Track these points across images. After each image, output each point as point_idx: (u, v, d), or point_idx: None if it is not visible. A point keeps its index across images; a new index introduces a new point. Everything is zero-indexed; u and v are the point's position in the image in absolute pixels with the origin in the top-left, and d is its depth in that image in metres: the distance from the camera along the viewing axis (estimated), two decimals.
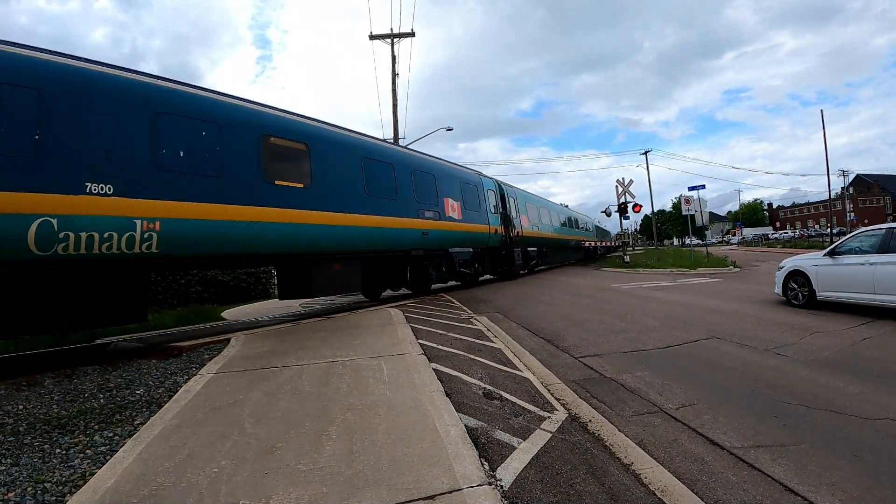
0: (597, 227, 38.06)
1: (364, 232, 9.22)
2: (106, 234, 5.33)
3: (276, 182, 7.41)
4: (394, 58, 19.86)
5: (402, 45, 28.66)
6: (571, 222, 28.62)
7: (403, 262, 11.27)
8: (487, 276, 16.86)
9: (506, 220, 16.41)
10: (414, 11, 30.95)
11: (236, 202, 6.72)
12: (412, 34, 20.21)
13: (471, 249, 13.83)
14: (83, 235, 5.16)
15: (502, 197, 16.69)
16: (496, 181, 16.79)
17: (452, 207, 12.68)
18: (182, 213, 6.07)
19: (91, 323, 6.06)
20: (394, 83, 19.87)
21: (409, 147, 14.87)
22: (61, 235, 5.00)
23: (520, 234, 17.64)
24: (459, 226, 12.94)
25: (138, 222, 5.60)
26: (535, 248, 20.05)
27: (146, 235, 5.67)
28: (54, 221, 4.96)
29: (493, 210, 15.33)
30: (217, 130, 6.68)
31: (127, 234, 5.51)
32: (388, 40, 20.01)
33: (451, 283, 14.04)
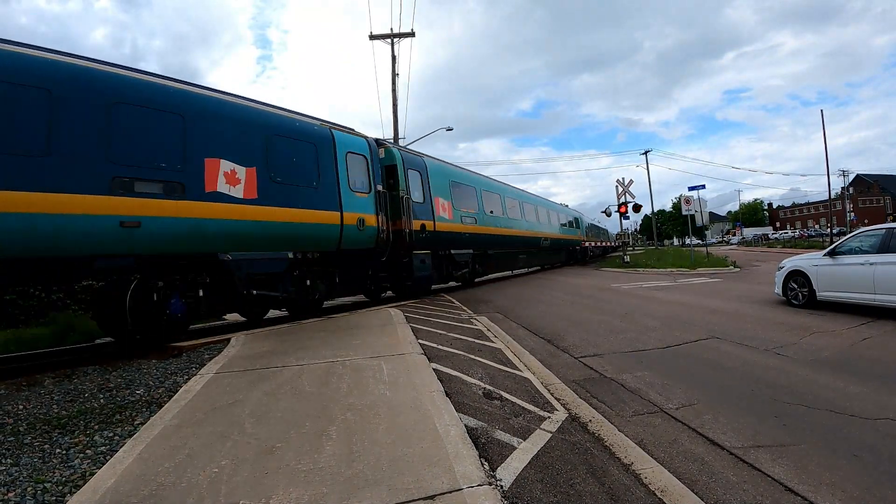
0: (592, 224, 33.86)
1: None
2: None
3: None
4: (394, 58, 19.87)
5: (403, 45, 28.66)
6: (554, 217, 23.28)
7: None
8: (345, 300, 11.17)
9: (395, 204, 10.50)
10: (414, 11, 30.97)
11: None
12: (412, 34, 20.21)
13: (288, 255, 7.89)
14: None
15: (389, 168, 10.69)
16: (371, 140, 10.28)
17: (231, 177, 6.87)
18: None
19: None
20: (394, 83, 19.88)
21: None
22: None
23: (432, 228, 11.61)
24: (251, 211, 7.08)
25: None
26: (469, 251, 13.82)
27: None
28: None
29: (357, 187, 9.22)
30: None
31: None
32: (388, 40, 20.01)
33: (451, 283, 11.96)
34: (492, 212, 15.72)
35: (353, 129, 9.91)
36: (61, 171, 5.27)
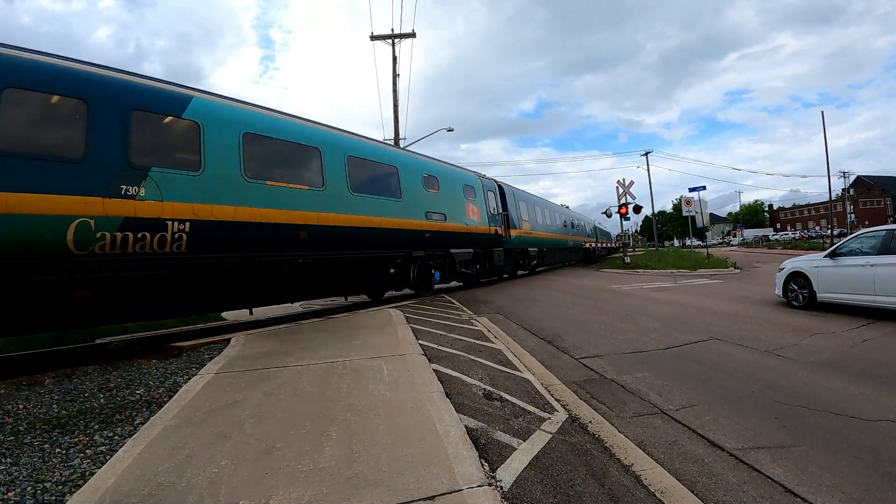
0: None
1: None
2: None
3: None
4: (395, 58, 19.90)
5: (403, 46, 28.74)
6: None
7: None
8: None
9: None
10: (415, 12, 31.04)
11: None
12: (413, 35, 20.23)
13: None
14: None
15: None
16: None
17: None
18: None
19: None
20: (395, 83, 19.90)
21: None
22: None
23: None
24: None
25: None
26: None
27: None
28: None
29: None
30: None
31: None
32: (389, 41, 20.03)
33: (452, 283, 14.28)
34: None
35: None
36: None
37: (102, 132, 5.63)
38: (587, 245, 31.25)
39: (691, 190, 21.80)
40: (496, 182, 16.98)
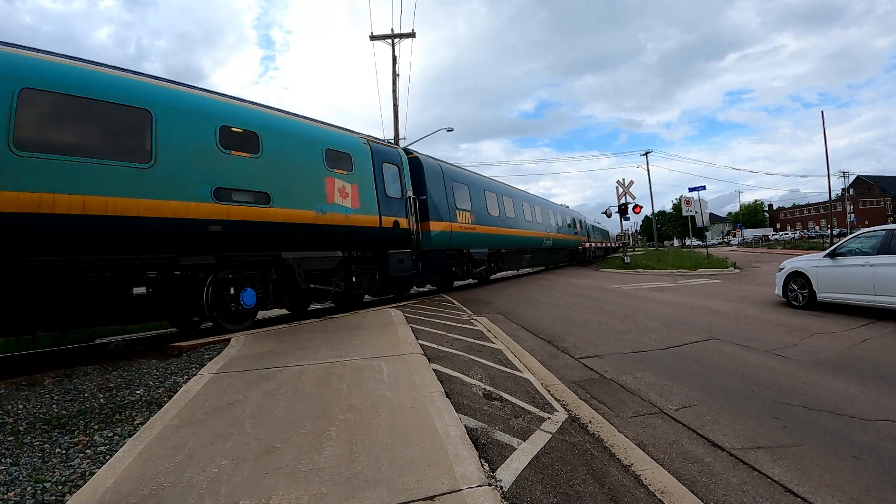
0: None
1: None
2: None
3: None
4: (394, 58, 19.89)
5: (403, 46, 28.75)
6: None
7: None
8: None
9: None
10: (415, 12, 31.05)
11: None
12: (413, 35, 20.23)
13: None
14: None
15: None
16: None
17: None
18: None
19: None
20: (394, 83, 19.89)
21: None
22: None
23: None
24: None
25: None
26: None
27: None
28: None
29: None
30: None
31: None
32: (389, 41, 20.03)
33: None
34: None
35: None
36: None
37: None
38: (583, 245, 28.51)
39: (691, 190, 21.81)
40: (400, 150, 11.74)
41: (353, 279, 9.33)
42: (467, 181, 14.58)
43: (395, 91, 19.92)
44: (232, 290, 7.00)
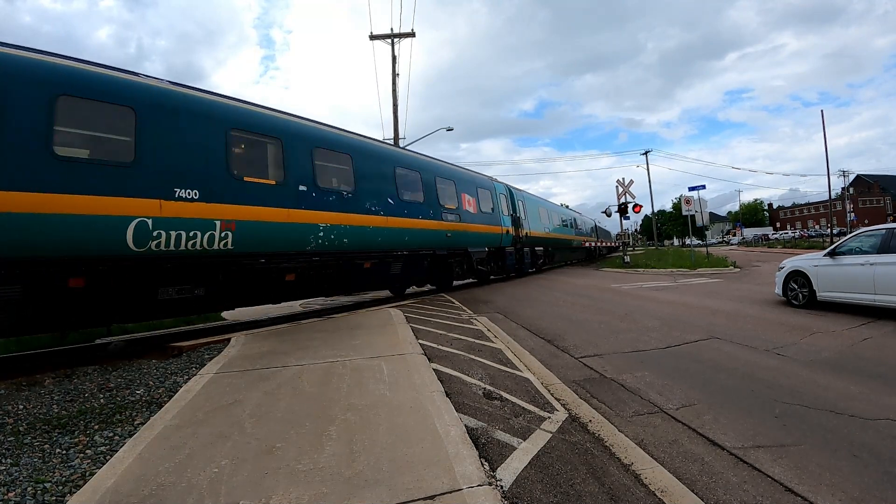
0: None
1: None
2: None
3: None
4: (394, 58, 19.89)
5: (403, 46, 28.72)
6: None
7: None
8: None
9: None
10: (414, 12, 31.02)
11: None
12: (412, 34, 20.22)
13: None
14: None
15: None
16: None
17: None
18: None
19: None
20: (394, 83, 19.88)
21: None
22: None
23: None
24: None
25: None
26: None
27: None
28: None
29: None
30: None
31: None
32: (389, 40, 20.02)
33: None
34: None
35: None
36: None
37: None
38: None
39: (691, 189, 21.81)
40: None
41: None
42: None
43: (394, 91, 19.92)
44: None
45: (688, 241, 43.92)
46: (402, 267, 10.97)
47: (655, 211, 73.56)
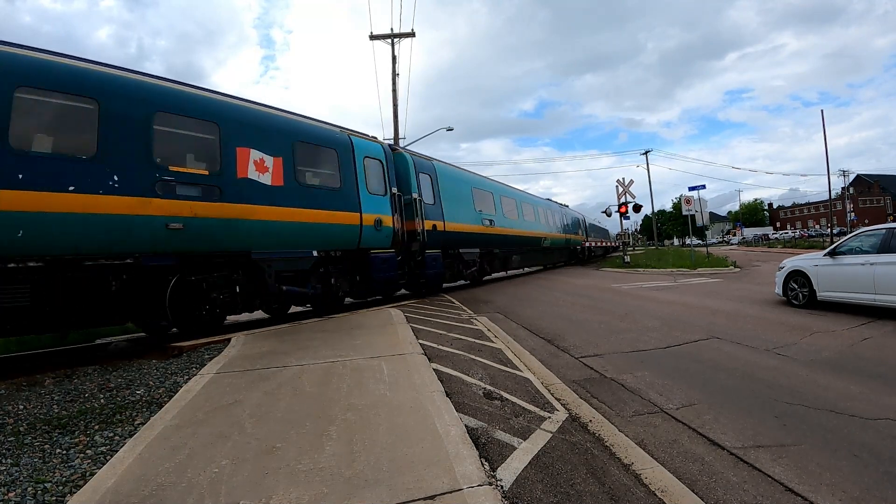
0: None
1: None
2: None
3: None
4: (394, 58, 19.88)
5: (403, 46, 28.73)
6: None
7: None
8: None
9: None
10: (414, 12, 31.03)
11: None
12: (412, 34, 20.22)
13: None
14: None
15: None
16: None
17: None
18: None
19: None
20: (394, 83, 19.88)
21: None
22: None
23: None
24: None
25: None
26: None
27: None
28: None
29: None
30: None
31: None
32: (389, 40, 20.02)
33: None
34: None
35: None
36: None
37: None
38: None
39: (691, 189, 21.82)
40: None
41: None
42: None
43: (394, 91, 19.91)
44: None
45: (688, 241, 43.92)
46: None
47: (655, 211, 73.55)
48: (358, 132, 10.13)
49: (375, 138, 10.72)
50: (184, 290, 6.67)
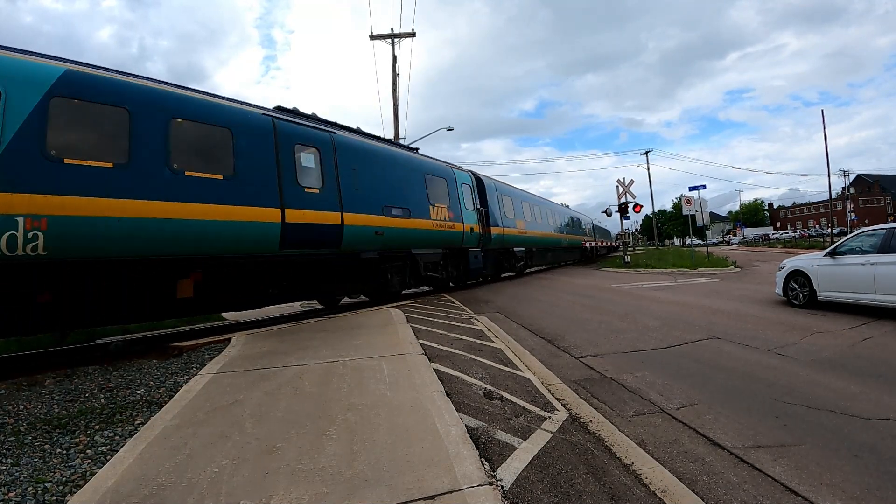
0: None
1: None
2: None
3: None
4: (394, 58, 19.89)
5: (403, 46, 28.73)
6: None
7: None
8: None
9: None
10: (415, 11, 31.07)
11: None
12: (412, 34, 20.22)
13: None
14: None
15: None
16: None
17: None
18: None
19: None
20: (394, 83, 19.89)
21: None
22: None
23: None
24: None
25: None
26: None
27: None
28: None
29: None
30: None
31: None
32: (389, 40, 20.02)
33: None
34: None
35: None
36: None
37: None
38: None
39: (691, 189, 21.80)
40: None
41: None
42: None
43: (395, 91, 19.92)
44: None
45: (688, 241, 43.89)
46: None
47: (656, 211, 73.53)
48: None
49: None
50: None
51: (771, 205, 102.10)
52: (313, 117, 9.29)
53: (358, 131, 10.39)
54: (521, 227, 17.83)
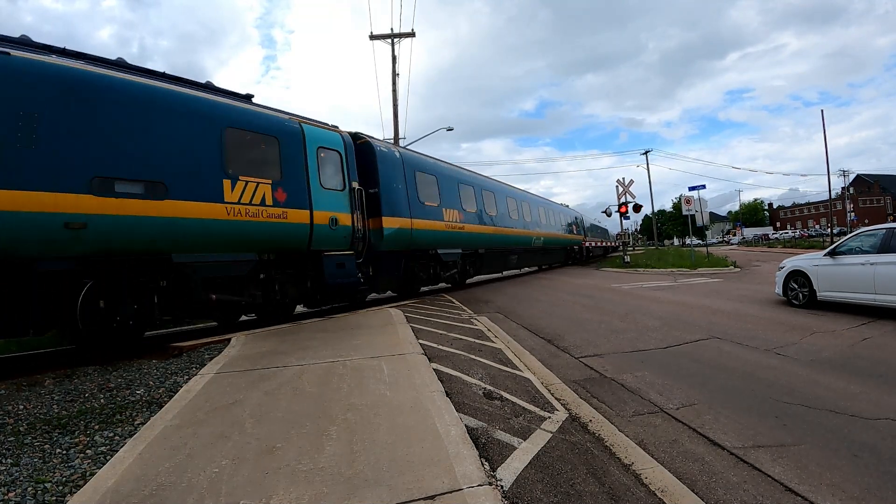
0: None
1: None
2: None
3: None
4: (394, 58, 19.89)
5: (403, 46, 28.74)
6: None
7: None
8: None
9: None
10: (415, 11, 31.08)
11: None
12: (412, 34, 20.22)
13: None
14: None
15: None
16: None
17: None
18: None
19: None
20: (394, 83, 19.89)
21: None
22: None
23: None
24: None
25: None
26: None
27: None
28: None
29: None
30: None
31: None
32: (389, 40, 20.02)
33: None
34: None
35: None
36: None
37: None
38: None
39: (691, 189, 21.81)
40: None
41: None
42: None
43: (394, 91, 19.92)
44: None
45: (688, 241, 43.91)
46: None
47: (655, 211, 73.57)
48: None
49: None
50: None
51: (771, 205, 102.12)
52: None
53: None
54: (455, 219, 12.56)
